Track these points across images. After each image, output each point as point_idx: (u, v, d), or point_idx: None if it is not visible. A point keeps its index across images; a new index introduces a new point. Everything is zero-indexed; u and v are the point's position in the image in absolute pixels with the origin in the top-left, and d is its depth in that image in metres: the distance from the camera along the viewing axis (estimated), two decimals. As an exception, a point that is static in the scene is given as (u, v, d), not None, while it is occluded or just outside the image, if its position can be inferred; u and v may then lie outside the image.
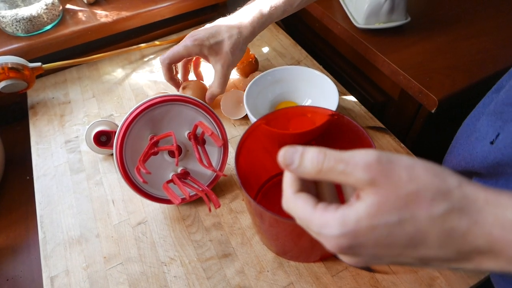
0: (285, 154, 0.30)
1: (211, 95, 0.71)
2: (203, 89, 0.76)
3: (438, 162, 0.33)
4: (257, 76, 0.75)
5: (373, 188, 0.26)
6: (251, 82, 0.73)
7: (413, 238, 0.26)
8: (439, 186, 0.26)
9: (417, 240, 0.26)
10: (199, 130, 0.60)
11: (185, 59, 0.75)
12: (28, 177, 0.87)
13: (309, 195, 0.30)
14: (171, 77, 0.74)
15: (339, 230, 0.27)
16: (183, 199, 0.59)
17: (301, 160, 0.29)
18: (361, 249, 0.27)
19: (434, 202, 0.25)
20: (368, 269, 0.57)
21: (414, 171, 0.26)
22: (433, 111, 0.76)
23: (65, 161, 0.75)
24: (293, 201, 0.31)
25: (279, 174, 0.68)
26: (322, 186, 0.34)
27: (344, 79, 1.02)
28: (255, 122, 0.56)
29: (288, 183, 0.32)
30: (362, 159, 0.27)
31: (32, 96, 0.89)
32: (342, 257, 0.30)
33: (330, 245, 0.28)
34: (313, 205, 0.29)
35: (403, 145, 0.74)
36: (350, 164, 0.27)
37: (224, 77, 0.70)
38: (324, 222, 0.28)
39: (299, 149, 0.30)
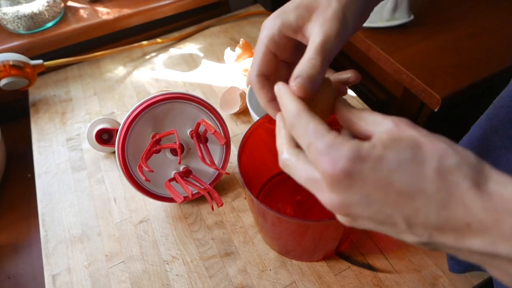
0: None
1: (301, 72, 0.33)
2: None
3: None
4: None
5: (391, 130, 0.27)
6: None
7: (413, 184, 0.26)
8: (453, 145, 0.27)
9: (416, 188, 0.26)
10: (202, 128, 0.60)
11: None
12: (29, 175, 0.87)
13: (324, 122, 0.30)
14: (270, 98, 0.38)
15: (349, 152, 0.26)
16: (185, 198, 0.59)
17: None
18: (358, 181, 0.26)
19: (447, 153, 0.26)
20: (371, 268, 0.56)
21: (437, 136, 0.27)
22: (436, 110, 0.76)
23: (66, 159, 0.75)
24: (306, 117, 0.29)
25: (282, 172, 0.67)
26: None
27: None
28: (258, 120, 0.56)
29: (297, 104, 0.30)
30: (392, 118, 0.28)
31: (34, 94, 0.88)
32: (328, 195, 0.28)
33: (329, 165, 0.26)
34: (327, 128, 0.28)
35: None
36: (382, 115, 0.29)
37: (323, 40, 0.33)
38: (337, 142, 0.27)
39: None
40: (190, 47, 0.97)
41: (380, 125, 0.28)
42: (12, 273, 0.73)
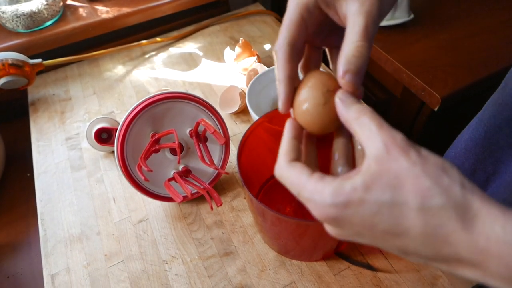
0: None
1: (349, 64, 0.30)
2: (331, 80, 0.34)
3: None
4: (260, 73, 0.74)
5: (380, 157, 0.26)
6: (253, 79, 0.73)
7: (397, 226, 0.26)
8: (442, 179, 0.25)
9: (400, 229, 0.26)
10: (201, 128, 0.60)
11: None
12: (28, 174, 0.87)
13: (305, 166, 0.30)
14: (293, 73, 0.33)
15: (330, 199, 0.26)
16: (184, 197, 0.59)
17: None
18: (345, 223, 0.27)
19: (430, 193, 0.25)
20: (371, 268, 0.56)
21: (426, 158, 0.26)
22: (436, 109, 0.75)
23: (65, 158, 0.75)
24: (287, 169, 0.30)
25: (281, 172, 0.67)
26: (337, 146, 0.33)
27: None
28: (257, 120, 0.55)
29: (284, 151, 0.31)
30: (389, 130, 0.27)
31: (33, 93, 0.88)
32: (326, 226, 0.30)
33: (317, 212, 0.28)
34: (309, 173, 0.29)
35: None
36: (379, 126, 0.27)
37: (367, 20, 0.31)
38: (317, 189, 0.27)
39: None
40: (190, 46, 0.97)
41: (372, 144, 0.27)
42: (11, 272, 0.73)
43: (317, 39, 0.35)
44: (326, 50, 0.39)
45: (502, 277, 0.24)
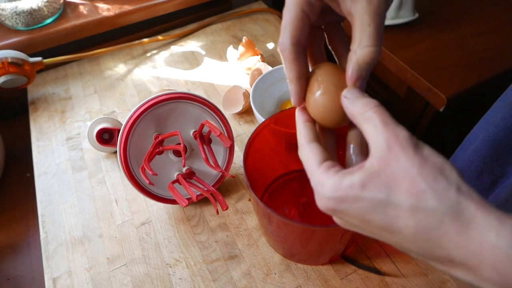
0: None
1: (361, 71, 0.31)
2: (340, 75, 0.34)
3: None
4: (264, 73, 0.73)
5: (382, 156, 0.26)
6: (257, 79, 0.72)
7: (391, 224, 0.26)
8: (438, 182, 0.25)
9: (394, 227, 0.26)
10: (205, 129, 0.59)
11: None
12: (28, 174, 0.86)
13: (321, 149, 0.31)
14: (302, 72, 0.33)
15: (329, 193, 0.28)
16: (188, 199, 0.58)
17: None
18: (343, 215, 0.29)
19: (424, 195, 0.25)
20: (378, 272, 0.56)
21: (426, 159, 0.26)
22: (441, 109, 0.75)
23: (66, 159, 0.73)
24: (305, 151, 0.32)
25: (285, 174, 0.66)
26: (351, 137, 0.34)
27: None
28: (264, 122, 0.55)
29: (303, 134, 0.33)
30: (393, 127, 0.27)
31: (32, 92, 0.87)
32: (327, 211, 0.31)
33: (318, 202, 0.30)
34: (320, 161, 0.30)
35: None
36: (383, 122, 0.27)
37: (377, 21, 0.30)
38: (321, 181, 0.29)
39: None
40: (192, 45, 0.95)
41: (376, 142, 0.27)
42: (11, 274, 0.72)
43: (317, 21, 0.35)
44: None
45: (495, 283, 0.24)
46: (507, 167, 0.58)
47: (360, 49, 0.30)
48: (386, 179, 0.26)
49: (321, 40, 0.37)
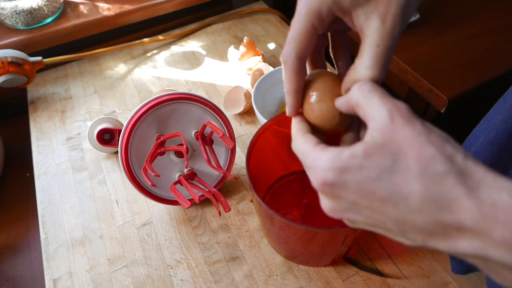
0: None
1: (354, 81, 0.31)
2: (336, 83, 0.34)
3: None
4: (265, 74, 0.73)
5: (384, 127, 0.26)
6: (259, 80, 0.71)
7: (396, 193, 0.25)
8: (445, 148, 0.25)
9: (399, 195, 0.25)
10: (207, 130, 0.59)
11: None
12: (28, 174, 0.85)
13: (314, 137, 0.31)
14: (301, 85, 0.34)
15: (328, 164, 0.27)
16: (190, 200, 0.58)
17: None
18: (342, 190, 0.27)
19: (433, 160, 0.25)
20: (380, 273, 0.56)
21: (430, 129, 0.26)
22: (442, 111, 0.75)
23: (66, 159, 0.73)
24: (298, 139, 0.31)
25: (287, 175, 0.66)
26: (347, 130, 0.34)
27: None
28: (266, 123, 0.54)
29: (297, 128, 0.33)
30: (392, 100, 0.27)
31: (32, 91, 0.86)
32: (322, 201, 0.30)
33: (314, 178, 0.28)
34: (315, 143, 0.30)
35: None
36: (382, 96, 0.27)
37: (387, 42, 0.29)
38: (318, 156, 0.28)
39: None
40: (192, 45, 0.95)
41: (377, 114, 0.27)
42: (10, 275, 0.71)
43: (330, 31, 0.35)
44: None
45: (507, 244, 0.23)
46: (508, 170, 0.58)
47: (362, 69, 0.30)
48: (391, 147, 0.26)
49: (324, 46, 0.37)
